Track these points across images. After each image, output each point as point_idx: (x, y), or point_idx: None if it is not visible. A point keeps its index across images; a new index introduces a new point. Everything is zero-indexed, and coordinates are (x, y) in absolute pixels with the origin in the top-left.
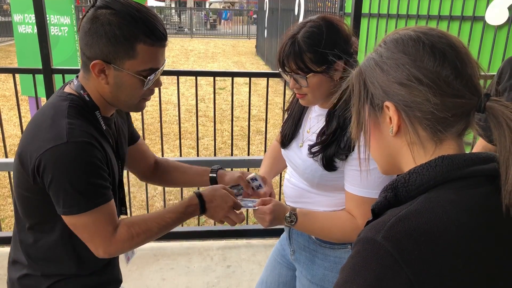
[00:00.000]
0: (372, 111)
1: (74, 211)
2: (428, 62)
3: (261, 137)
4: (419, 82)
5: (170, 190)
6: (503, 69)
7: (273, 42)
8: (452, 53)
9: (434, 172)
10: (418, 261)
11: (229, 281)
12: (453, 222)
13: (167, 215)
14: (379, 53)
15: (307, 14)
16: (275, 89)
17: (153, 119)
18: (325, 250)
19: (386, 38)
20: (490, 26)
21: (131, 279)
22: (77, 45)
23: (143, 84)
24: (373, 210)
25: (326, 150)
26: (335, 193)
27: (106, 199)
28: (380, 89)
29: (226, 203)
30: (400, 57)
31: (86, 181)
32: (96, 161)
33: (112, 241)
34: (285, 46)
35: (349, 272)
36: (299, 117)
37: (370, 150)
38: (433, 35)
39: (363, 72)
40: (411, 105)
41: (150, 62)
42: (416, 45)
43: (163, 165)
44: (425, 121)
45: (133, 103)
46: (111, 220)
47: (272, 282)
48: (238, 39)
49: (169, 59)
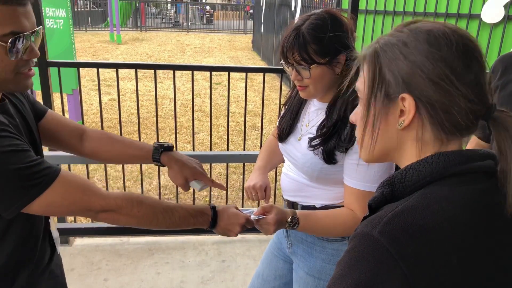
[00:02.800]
0: (385, 99)
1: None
2: (458, 64)
3: (257, 133)
4: (449, 82)
5: (165, 184)
6: (494, 68)
7: (270, 37)
8: (478, 59)
9: (431, 168)
10: (413, 256)
11: (223, 276)
12: (448, 218)
13: (176, 207)
14: (403, 40)
15: (304, 9)
16: (271, 84)
17: (149, 113)
18: (322, 243)
19: (410, 26)
20: (486, 24)
21: (125, 273)
22: (73, 38)
23: (6, 53)
24: (370, 206)
25: (327, 143)
26: (333, 186)
27: (54, 170)
28: (400, 79)
29: (237, 220)
30: (431, 51)
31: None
32: (11, 148)
33: (104, 195)
34: (289, 37)
35: (345, 266)
36: (297, 112)
37: (376, 139)
38: (463, 37)
39: (380, 56)
40: (435, 104)
41: (8, 24)
42: (449, 44)
43: (95, 136)
44: (445, 123)
45: (6, 79)
46: (81, 177)
47: (269, 275)
48: (234, 34)
49: (165, 53)
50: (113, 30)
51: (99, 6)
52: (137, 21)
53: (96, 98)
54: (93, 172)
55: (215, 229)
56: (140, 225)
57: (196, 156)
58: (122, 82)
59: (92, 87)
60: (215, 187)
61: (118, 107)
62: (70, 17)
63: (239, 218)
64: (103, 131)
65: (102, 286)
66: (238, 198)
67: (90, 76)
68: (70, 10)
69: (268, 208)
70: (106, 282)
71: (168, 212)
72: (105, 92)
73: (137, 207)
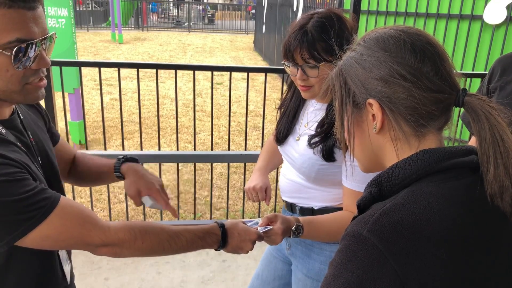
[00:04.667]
0: (354, 109)
1: (28, 229)
2: (409, 59)
3: (258, 133)
4: (403, 78)
5: (166, 184)
6: (494, 69)
7: (271, 37)
8: (430, 50)
9: (416, 166)
10: (403, 253)
11: (224, 276)
12: (436, 213)
13: (182, 232)
14: (359, 51)
15: (305, 9)
16: (273, 84)
17: (150, 113)
18: (321, 245)
19: (364, 37)
20: (488, 25)
21: (126, 273)
22: (75, 37)
23: (12, 62)
24: (359, 206)
25: (326, 140)
26: (331, 188)
27: (52, 201)
28: (362, 87)
29: (249, 237)
30: (382, 54)
31: (11, 202)
32: (4, 178)
33: (104, 228)
34: (296, 36)
35: (336, 266)
36: (294, 114)
37: (354, 149)
38: (411, 34)
39: (343, 71)
40: (395, 101)
41: (14, 30)
42: (397, 43)
43: (79, 160)
44: (409, 117)
45: (13, 90)
46: (81, 208)
47: (268, 276)
48: (236, 34)
49: (166, 53)
50: (114, 30)
51: (101, 6)
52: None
53: (98, 98)
54: None
55: (225, 249)
56: (145, 256)
57: (197, 155)
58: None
59: (93, 87)
60: (168, 210)
61: (120, 106)
62: (72, 17)
63: (250, 234)
64: (83, 154)
65: (102, 285)
66: (239, 198)
67: (91, 76)
68: (72, 10)
69: (272, 218)
70: (106, 282)
71: (174, 238)
72: (107, 92)
73: (140, 238)
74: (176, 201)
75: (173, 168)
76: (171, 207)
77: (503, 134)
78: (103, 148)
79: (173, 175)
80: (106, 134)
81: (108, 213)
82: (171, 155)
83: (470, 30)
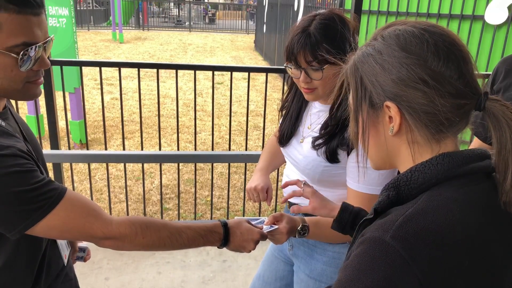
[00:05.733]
0: (370, 109)
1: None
2: (432, 62)
3: (259, 133)
4: (424, 83)
5: (167, 184)
6: (497, 70)
7: (272, 37)
8: (454, 52)
9: (436, 170)
10: (427, 260)
11: (224, 276)
12: (458, 221)
13: (184, 229)
14: (377, 49)
15: (306, 9)
16: (273, 84)
17: (151, 112)
18: (323, 245)
19: (383, 33)
20: (489, 25)
21: (126, 273)
22: (76, 36)
23: (17, 64)
24: (376, 209)
25: (330, 141)
26: (335, 189)
27: (59, 192)
28: (380, 88)
29: (251, 236)
30: (403, 56)
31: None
32: (15, 169)
33: (107, 222)
34: (298, 39)
35: (353, 271)
36: (297, 116)
37: (368, 149)
38: (435, 33)
39: (359, 69)
40: (414, 106)
41: (21, 34)
42: (420, 44)
43: None
44: (429, 123)
45: (15, 89)
46: (86, 201)
47: (269, 276)
48: (236, 34)
49: (167, 52)
50: (115, 29)
51: (101, 5)
52: (139, 20)
53: (98, 97)
54: (95, 171)
55: (228, 247)
56: (146, 251)
57: (198, 155)
58: (124, 81)
59: (94, 86)
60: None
61: (121, 106)
62: (73, 16)
63: (253, 234)
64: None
65: (103, 285)
66: (240, 198)
67: (92, 75)
68: (73, 9)
69: (278, 217)
70: (107, 281)
71: (175, 235)
72: (107, 91)
73: (141, 234)
74: (176, 201)
75: (174, 168)
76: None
77: None
78: (103, 147)
79: (173, 175)
80: (107, 134)
81: (108, 213)
82: (171, 155)
83: (471, 30)
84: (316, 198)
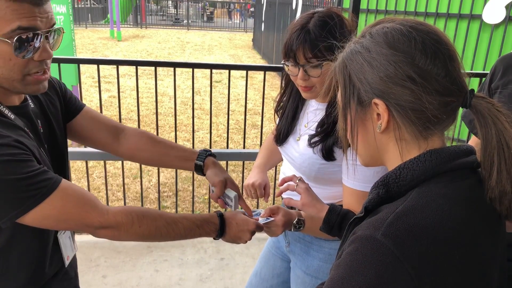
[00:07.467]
0: (358, 106)
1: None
2: (419, 60)
3: (257, 131)
4: (412, 81)
5: (164, 182)
6: (495, 68)
7: (270, 35)
8: (441, 50)
9: (424, 167)
10: (418, 256)
11: (222, 274)
12: (448, 216)
13: (180, 219)
14: (366, 46)
15: (304, 8)
16: (271, 83)
17: (148, 110)
18: (320, 242)
19: (371, 30)
20: (487, 24)
21: (124, 271)
22: (73, 34)
23: (13, 50)
24: (367, 207)
25: (326, 139)
26: (331, 186)
27: (54, 182)
28: (368, 86)
29: (247, 227)
30: (391, 53)
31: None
32: (7, 158)
33: (103, 211)
34: (298, 35)
35: (345, 269)
36: (293, 114)
37: (357, 146)
38: (423, 31)
39: (347, 66)
40: (403, 104)
41: (16, 20)
42: (408, 42)
43: (134, 135)
44: (416, 120)
45: (14, 79)
46: (82, 191)
47: (266, 273)
48: (234, 32)
49: (165, 50)
50: (113, 27)
51: (99, 3)
52: (137, 18)
53: (96, 95)
54: (92, 169)
55: (224, 238)
56: (142, 241)
57: None
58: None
59: (92, 84)
60: (243, 207)
61: (118, 104)
62: (71, 14)
63: (248, 225)
64: (143, 131)
65: (100, 283)
66: None
67: (90, 73)
68: (71, 7)
69: (275, 210)
70: (104, 279)
71: (172, 225)
72: (105, 89)
73: (137, 223)
74: (174, 198)
75: None
76: (246, 204)
77: (509, 141)
78: None
79: (171, 173)
80: None
81: None
82: None
83: (469, 29)
84: (307, 196)
